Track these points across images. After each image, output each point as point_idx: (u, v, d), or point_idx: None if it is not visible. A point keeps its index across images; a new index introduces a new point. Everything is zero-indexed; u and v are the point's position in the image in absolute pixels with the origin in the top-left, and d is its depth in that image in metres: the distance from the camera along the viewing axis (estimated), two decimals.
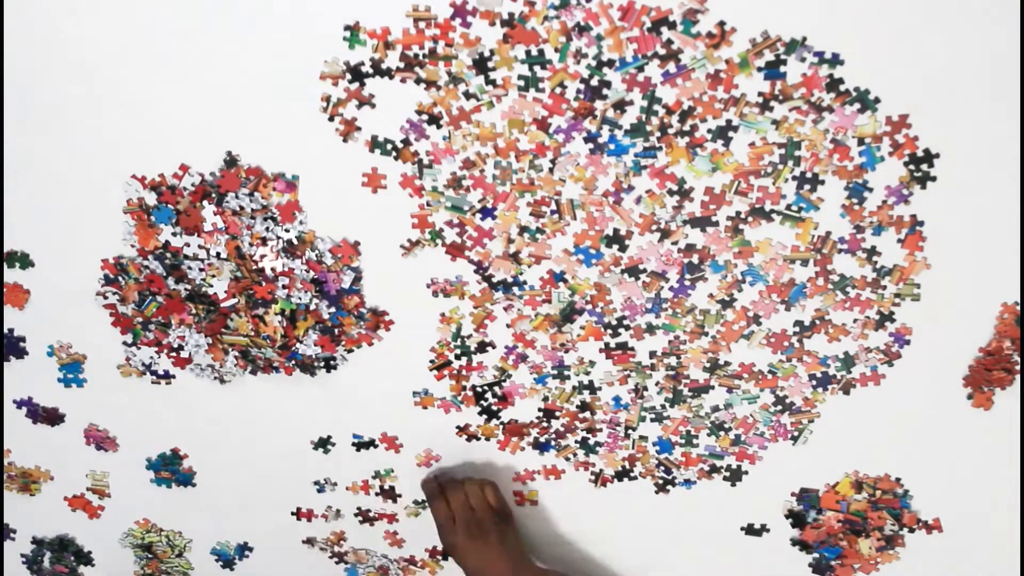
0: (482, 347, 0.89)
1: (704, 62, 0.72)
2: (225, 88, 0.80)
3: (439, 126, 0.78)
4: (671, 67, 0.73)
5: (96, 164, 0.85)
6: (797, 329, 0.83)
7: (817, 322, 0.82)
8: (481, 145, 0.78)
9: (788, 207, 0.78)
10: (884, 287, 0.80)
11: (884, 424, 0.88)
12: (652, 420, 0.91)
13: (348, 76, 0.78)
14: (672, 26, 0.71)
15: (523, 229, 0.82)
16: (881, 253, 0.79)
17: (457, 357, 0.90)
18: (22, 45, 0.80)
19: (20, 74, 0.82)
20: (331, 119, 0.80)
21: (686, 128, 0.75)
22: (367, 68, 0.77)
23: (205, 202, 0.85)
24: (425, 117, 0.78)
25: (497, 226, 0.82)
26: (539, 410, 0.92)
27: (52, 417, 1.02)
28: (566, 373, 0.89)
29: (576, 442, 0.94)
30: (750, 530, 0.97)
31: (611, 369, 0.88)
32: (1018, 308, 0.81)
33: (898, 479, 0.91)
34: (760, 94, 0.73)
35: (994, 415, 0.86)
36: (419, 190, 0.81)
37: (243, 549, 1.09)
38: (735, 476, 0.93)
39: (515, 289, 0.85)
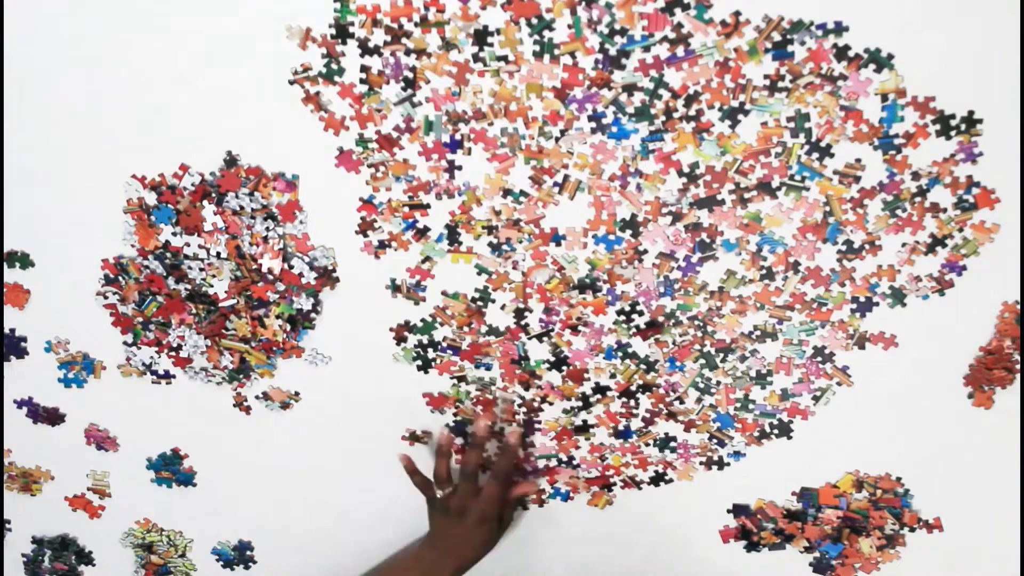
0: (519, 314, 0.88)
1: (713, 50, 0.72)
2: (225, 87, 0.80)
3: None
4: (679, 51, 0.73)
5: (96, 164, 0.85)
6: (844, 248, 0.80)
7: (867, 247, 0.79)
8: (495, 103, 0.77)
9: (791, 177, 0.77)
10: (944, 210, 0.77)
11: (884, 423, 0.88)
12: (701, 390, 0.89)
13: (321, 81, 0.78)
14: (685, 7, 0.71)
15: (506, 192, 0.81)
16: (929, 191, 0.77)
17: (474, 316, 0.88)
18: (22, 45, 0.80)
19: (20, 74, 0.82)
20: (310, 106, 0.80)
21: (691, 113, 0.75)
22: (358, 50, 0.76)
23: (205, 202, 0.85)
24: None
25: (486, 191, 0.81)
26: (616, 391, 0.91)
27: (52, 417, 1.02)
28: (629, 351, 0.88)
29: (654, 442, 0.93)
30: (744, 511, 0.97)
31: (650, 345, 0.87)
32: (1018, 307, 0.80)
33: (899, 478, 0.91)
34: (766, 76, 0.73)
35: (995, 414, 0.86)
36: (359, 98, 0.79)
37: (244, 549, 1.09)
38: (785, 430, 0.90)
39: (505, 248, 0.84)
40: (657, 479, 0.96)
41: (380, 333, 0.91)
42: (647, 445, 0.93)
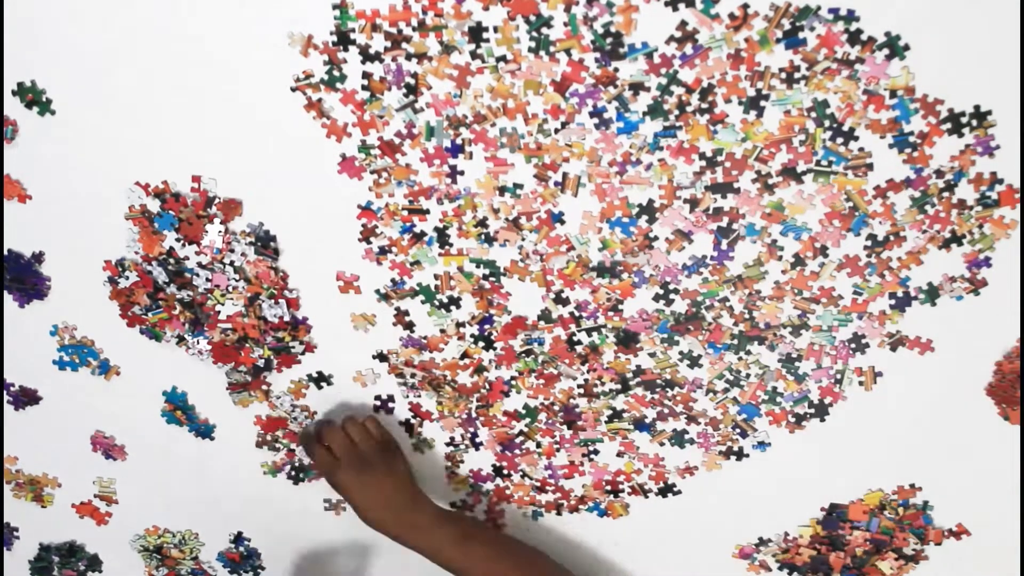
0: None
1: (722, 43, 0.71)
2: (226, 95, 0.80)
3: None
4: (688, 49, 0.72)
5: (100, 171, 0.86)
6: (869, 243, 0.79)
7: (891, 237, 0.78)
8: (492, 100, 0.76)
9: (818, 162, 0.76)
10: (970, 208, 0.76)
11: (896, 424, 0.87)
12: (730, 383, 0.88)
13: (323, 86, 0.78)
14: (690, 3, 0.70)
15: (502, 190, 0.80)
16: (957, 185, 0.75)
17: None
18: (25, 50, 0.81)
19: (22, 78, 0.82)
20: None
21: (704, 106, 0.74)
22: (359, 57, 0.76)
23: (212, 210, 0.86)
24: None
25: (479, 195, 0.81)
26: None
27: (30, 397, 1.02)
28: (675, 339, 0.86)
29: (671, 440, 0.92)
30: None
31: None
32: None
33: (912, 485, 0.89)
34: (782, 70, 0.72)
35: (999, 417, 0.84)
36: (361, 105, 0.78)
37: (252, 556, 1.09)
38: (821, 411, 0.88)
39: (506, 243, 0.83)
40: (665, 490, 0.95)
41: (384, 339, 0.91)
42: (661, 445, 0.92)
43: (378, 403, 0.95)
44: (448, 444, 0.97)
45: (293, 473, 1.01)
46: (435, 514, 0.89)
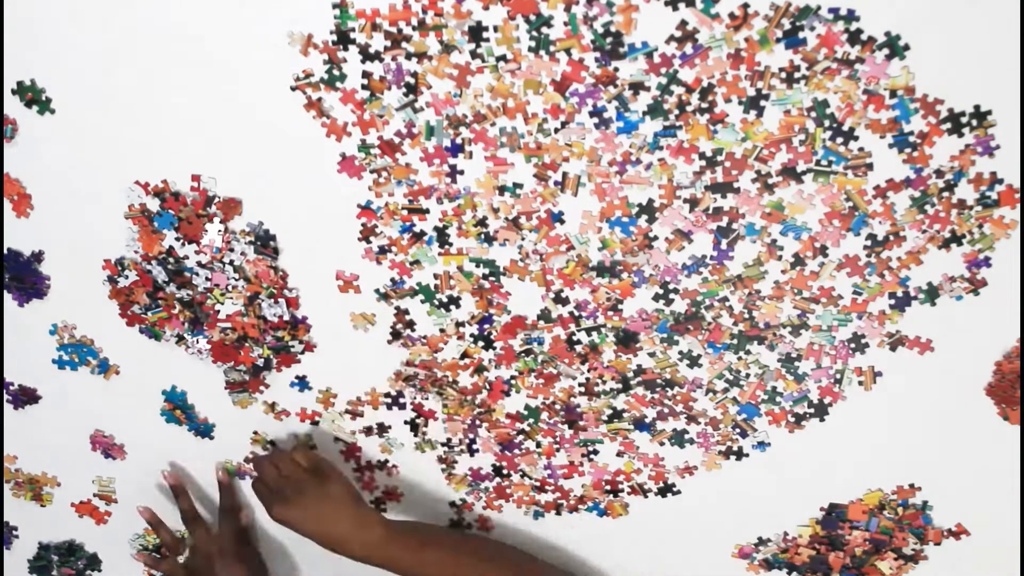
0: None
1: (722, 43, 0.71)
2: (227, 94, 0.80)
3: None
4: (688, 48, 0.72)
5: (100, 170, 0.86)
6: (869, 243, 0.78)
7: (891, 237, 0.78)
8: (492, 99, 0.76)
9: (818, 162, 0.75)
10: (970, 207, 0.75)
11: (896, 427, 0.87)
12: (729, 383, 0.87)
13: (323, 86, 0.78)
14: (691, 2, 0.70)
15: (502, 189, 0.80)
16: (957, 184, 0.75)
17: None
18: (25, 50, 0.81)
19: (22, 77, 0.82)
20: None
21: (704, 105, 0.74)
22: (359, 56, 0.76)
23: (216, 220, 0.86)
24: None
25: (479, 194, 0.81)
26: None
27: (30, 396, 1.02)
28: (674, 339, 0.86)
29: (670, 440, 0.92)
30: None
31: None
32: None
33: (911, 485, 0.89)
34: (782, 70, 0.72)
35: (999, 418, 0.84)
36: (361, 104, 0.78)
37: None
38: (821, 411, 0.88)
39: (506, 243, 0.83)
40: (665, 490, 0.95)
41: (384, 339, 0.91)
42: (661, 445, 0.92)
43: (387, 400, 0.95)
44: (443, 445, 0.97)
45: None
46: (384, 529, 0.87)
